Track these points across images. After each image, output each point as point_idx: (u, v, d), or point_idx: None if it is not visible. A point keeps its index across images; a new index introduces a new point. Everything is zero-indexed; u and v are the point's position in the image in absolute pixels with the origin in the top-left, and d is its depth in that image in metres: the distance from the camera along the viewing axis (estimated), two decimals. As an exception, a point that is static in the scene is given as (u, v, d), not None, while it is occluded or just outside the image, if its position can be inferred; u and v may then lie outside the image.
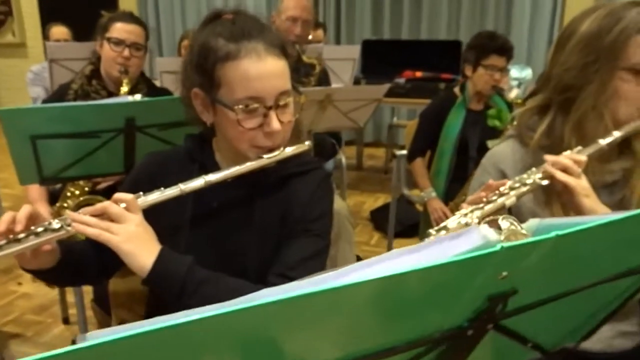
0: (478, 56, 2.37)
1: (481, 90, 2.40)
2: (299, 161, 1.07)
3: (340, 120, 2.03)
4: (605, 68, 1.01)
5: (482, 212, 0.91)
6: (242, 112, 0.93)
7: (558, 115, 1.09)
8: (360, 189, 4.28)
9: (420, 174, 2.54)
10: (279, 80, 0.95)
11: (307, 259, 1.01)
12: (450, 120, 2.47)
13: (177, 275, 0.88)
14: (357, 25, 5.36)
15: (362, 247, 3.21)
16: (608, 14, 1.02)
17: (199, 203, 1.03)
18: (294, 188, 1.06)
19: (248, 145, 0.97)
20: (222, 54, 0.93)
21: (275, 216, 1.04)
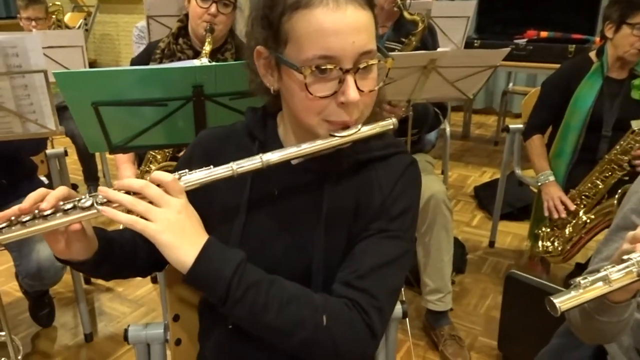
0: (624, 12, 1.93)
1: (625, 56, 1.97)
2: (380, 143, 0.86)
3: (445, 89, 1.75)
4: None
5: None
6: (312, 75, 0.73)
7: None
8: (465, 161, 3.93)
9: (537, 153, 2.18)
10: (361, 37, 0.73)
11: (382, 267, 0.81)
12: (582, 91, 2.07)
13: (222, 276, 0.72)
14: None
15: (462, 228, 2.92)
16: None
17: (257, 187, 0.86)
18: (372, 176, 0.86)
19: (317, 118, 0.77)
20: (291, 1, 0.73)
21: (347, 208, 0.84)
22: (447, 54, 1.64)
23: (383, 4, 1.95)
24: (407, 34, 1.96)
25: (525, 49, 3.57)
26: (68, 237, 0.77)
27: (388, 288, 0.81)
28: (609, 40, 2.02)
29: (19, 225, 0.71)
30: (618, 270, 0.64)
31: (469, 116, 4.51)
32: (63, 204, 0.73)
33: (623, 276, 0.63)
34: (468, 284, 2.39)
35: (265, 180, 0.85)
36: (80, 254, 0.80)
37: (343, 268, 0.82)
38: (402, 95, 1.78)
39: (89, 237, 0.80)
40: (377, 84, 0.78)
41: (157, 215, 0.71)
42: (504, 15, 4.02)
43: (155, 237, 0.71)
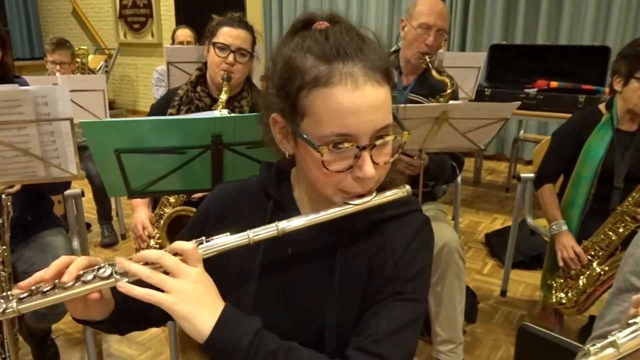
0: (632, 67, 1.97)
1: (634, 108, 1.99)
2: (394, 202, 0.87)
3: (457, 140, 1.78)
4: None
5: None
6: (329, 152, 0.74)
7: None
8: (476, 207, 3.92)
9: (549, 202, 2.18)
10: (378, 114, 0.74)
11: (398, 331, 0.80)
12: (593, 142, 2.09)
13: (239, 346, 0.72)
14: (486, 29, 4.96)
15: (473, 276, 2.89)
16: None
17: (271, 249, 0.87)
18: (385, 237, 0.86)
19: (333, 189, 0.79)
20: (310, 77, 0.74)
21: (361, 270, 0.85)
22: (459, 106, 1.68)
23: (410, 58, 2.00)
24: (431, 87, 2.00)
25: (536, 99, 3.62)
26: (86, 302, 0.78)
27: (403, 352, 0.81)
28: (617, 93, 2.06)
29: (39, 295, 0.73)
30: (625, 336, 0.64)
31: (480, 162, 4.53)
32: (83, 274, 0.74)
33: (630, 341, 0.63)
34: (480, 334, 2.35)
35: (279, 241, 0.83)
36: (97, 314, 0.82)
37: (357, 332, 0.81)
38: (415, 144, 1.81)
39: (106, 300, 0.82)
40: (392, 155, 0.79)
41: (174, 286, 0.71)
42: (514, 65, 4.09)
43: (172, 309, 0.71)
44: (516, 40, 4.84)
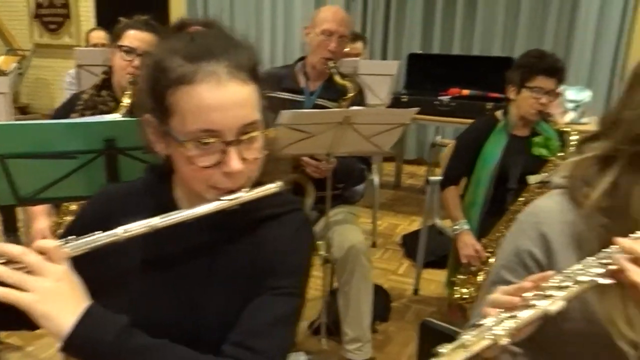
0: (523, 77, 2.14)
1: (526, 115, 2.16)
2: (275, 201, 0.90)
3: (362, 144, 1.85)
4: None
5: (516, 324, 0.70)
6: (195, 148, 0.78)
7: (626, 172, 0.85)
8: (395, 210, 4.06)
9: (452, 204, 2.31)
10: (243, 111, 0.78)
11: (273, 325, 0.84)
12: (489, 147, 2.24)
13: (102, 342, 0.72)
14: (406, 38, 5.15)
15: (388, 276, 3.00)
16: None
17: (150, 247, 0.87)
18: (266, 234, 0.89)
19: (204, 185, 0.81)
20: (176, 76, 0.77)
21: (242, 267, 0.88)
22: (361, 112, 1.75)
23: (315, 63, 2.06)
24: (338, 91, 2.07)
25: (449, 105, 3.81)
26: None
27: (278, 346, 0.83)
28: (512, 101, 2.22)
29: None
30: (474, 336, 0.68)
31: (400, 166, 4.69)
32: None
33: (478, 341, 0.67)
34: (391, 332, 2.44)
35: (159, 241, 0.85)
36: None
37: (234, 328, 0.84)
38: (322, 149, 1.87)
39: None
40: (261, 151, 0.83)
41: (34, 285, 0.70)
42: (432, 73, 4.27)
43: (31, 308, 0.69)
44: (434, 49, 5.07)
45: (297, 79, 2.13)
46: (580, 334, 0.90)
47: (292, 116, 1.65)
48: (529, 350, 0.98)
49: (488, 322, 0.70)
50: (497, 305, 0.73)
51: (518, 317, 0.69)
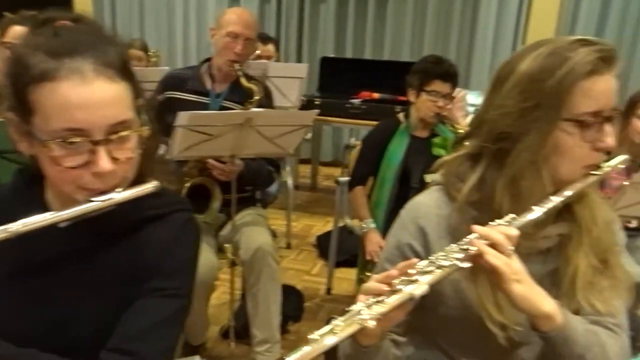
0: (421, 81, 2.24)
1: (425, 117, 2.27)
2: (157, 202, 0.88)
3: (266, 146, 1.85)
4: (546, 117, 0.85)
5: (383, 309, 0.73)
6: (60, 148, 0.74)
7: (490, 168, 0.92)
8: (311, 212, 4.11)
9: (359, 203, 2.38)
10: (112, 109, 0.76)
11: (154, 327, 0.82)
12: (392, 148, 2.33)
13: None
14: (320, 42, 5.23)
15: (302, 277, 3.03)
16: (552, 53, 0.86)
17: (17, 255, 0.83)
18: (147, 236, 0.87)
19: (72, 186, 0.78)
20: (37, 72, 0.74)
21: (121, 271, 0.85)
22: (262, 114, 1.76)
23: (221, 65, 2.04)
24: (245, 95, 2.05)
25: (360, 108, 3.91)
26: None
27: (159, 349, 0.82)
28: (412, 103, 2.32)
29: None
30: (343, 321, 0.71)
31: (316, 168, 4.75)
32: None
33: (347, 327, 0.70)
34: (304, 332, 2.46)
35: (27, 248, 0.80)
36: None
37: (115, 333, 0.81)
38: (225, 151, 1.85)
39: None
40: (135, 151, 0.80)
41: None
42: (344, 77, 4.37)
43: None
44: (347, 54, 5.19)
45: (202, 80, 2.10)
46: (455, 318, 0.96)
47: (191, 117, 1.62)
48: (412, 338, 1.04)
49: (357, 307, 0.73)
50: (368, 293, 0.76)
51: (385, 302, 0.73)
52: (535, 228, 0.92)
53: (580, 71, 0.82)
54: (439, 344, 1.03)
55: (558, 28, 4.53)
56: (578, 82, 0.83)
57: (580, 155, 0.86)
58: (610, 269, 0.92)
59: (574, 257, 0.91)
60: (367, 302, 0.74)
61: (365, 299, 0.75)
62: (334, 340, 0.70)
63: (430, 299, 1.00)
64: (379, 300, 0.73)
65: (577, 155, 0.86)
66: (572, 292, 0.90)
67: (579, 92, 0.83)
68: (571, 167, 0.87)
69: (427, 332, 1.03)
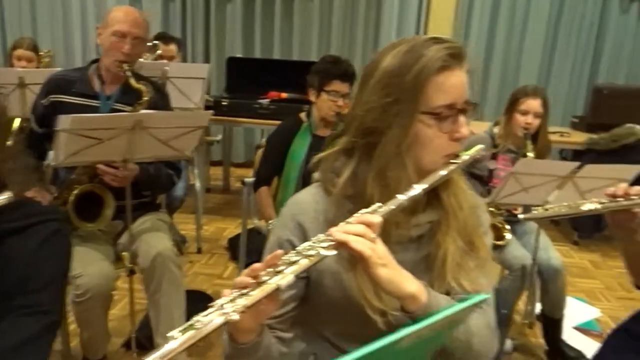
0: (321, 81, 2.28)
1: (325, 116, 2.31)
2: (19, 214, 0.83)
3: (161, 149, 1.79)
4: (405, 111, 0.89)
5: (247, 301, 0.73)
6: None
7: (362, 162, 0.96)
8: (224, 214, 4.05)
9: (264, 203, 2.38)
10: None
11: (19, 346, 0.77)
12: (295, 147, 2.35)
13: None
14: (228, 42, 5.17)
15: (214, 281, 2.97)
16: (409, 50, 0.90)
17: None
18: (8, 250, 0.82)
19: None
20: None
21: None
22: (154, 115, 1.70)
23: (109, 66, 1.95)
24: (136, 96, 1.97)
25: (268, 108, 3.91)
26: None
27: None
28: (314, 103, 2.35)
29: None
30: (204, 316, 0.71)
31: (228, 170, 4.69)
32: None
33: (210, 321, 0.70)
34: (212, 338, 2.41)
35: None
36: None
37: None
38: (117, 155, 1.78)
39: None
40: None
41: None
42: (252, 77, 4.34)
43: None
44: (256, 54, 5.16)
45: (91, 82, 1.99)
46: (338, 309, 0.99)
47: (73, 121, 1.54)
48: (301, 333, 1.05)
49: (219, 302, 0.72)
50: (235, 287, 0.76)
51: (250, 294, 0.73)
52: (407, 215, 0.96)
53: (432, 67, 0.87)
54: (326, 337, 1.05)
55: (455, 25, 4.80)
56: (431, 77, 0.88)
57: (439, 145, 0.91)
58: (476, 250, 0.98)
59: (444, 241, 0.96)
60: (231, 295, 0.73)
61: (229, 293, 0.74)
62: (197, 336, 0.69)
63: (312, 293, 1.02)
64: (243, 293, 0.73)
65: (436, 146, 0.91)
66: (443, 275, 0.96)
67: (433, 87, 0.88)
68: (432, 157, 0.92)
69: (314, 325, 1.04)
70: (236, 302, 0.71)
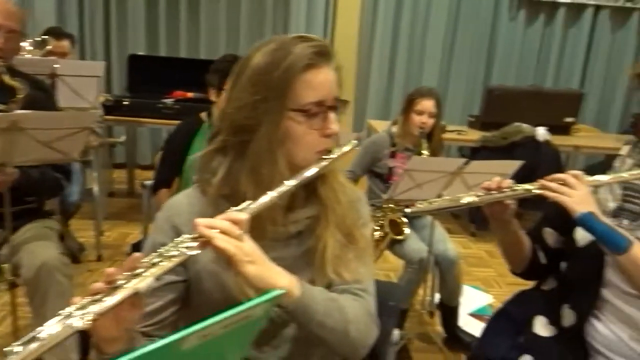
0: (221, 80, 2.24)
1: (226, 116, 2.27)
2: None
3: (42, 151, 1.67)
4: (275, 108, 0.90)
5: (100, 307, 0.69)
6: None
7: (236, 160, 0.95)
8: (128, 219, 3.88)
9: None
10: None
11: None
12: (196, 147, 2.28)
13: None
14: (130, 39, 4.95)
15: (114, 289, 2.83)
16: (278, 48, 0.91)
17: None
18: None
19: None
20: None
21: None
22: (32, 116, 1.59)
23: None
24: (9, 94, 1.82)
25: (173, 108, 3.79)
26: None
27: None
28: (214, 102, 2.31)
29: None
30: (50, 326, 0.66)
31: (132, 172, 4.50)
32: None
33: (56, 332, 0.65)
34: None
35: None
36: None
37: None
38: (-8, 159, 1.64)
39: None
40: None
41: None
42: (156, 76, 4.18)
43: None
44: (161, 52, 4.99)
45: (-40, 80, 1.82)
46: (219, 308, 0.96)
47: None
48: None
49: (67, 310, 0.69)
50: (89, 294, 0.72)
51: (103, 300, 0.69)
52: (285, 214, 0.97)
53: (299, 64, 0.89)
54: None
55: (361, 24, 4.93)
56: (298, 74, 0.89)
57: (311, 142, 0.92)
58: (355, 242, 1.01)
59: (323, 235, 0.98)
60: (82, 302, 0.70)
61: (78, 299, 0.71)
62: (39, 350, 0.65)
63: (193, 296, 1.00)
64: (95, 299, 0.70)
65: (308, 142, 0.92)
66: (323, 268, 0.97)
67: (300, 84, 0.90)
68: (305, 153, 0.93)
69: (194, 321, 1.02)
70: (87, 310, 0.68)
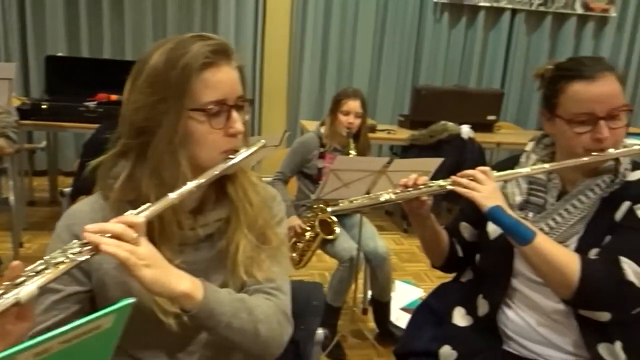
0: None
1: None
2: None
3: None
4: (173, 108, 0.87)
5: None
6: None
7: (137, 163, 0.92)
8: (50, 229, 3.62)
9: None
10: None
11: None
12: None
13: None
14: (50, 40, 4.70)
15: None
16: (174, 47, 0.89)
17: None
18: None
19: None
20: None
21: None
22: None
23: None
24: None
25: (96, 111, 3.64)
26: None
27: None
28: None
29: None
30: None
31: (55, 180, 4.27)
32: None
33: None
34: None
35: None
36: None
37: None
38: None
39: None
40: None
41: None
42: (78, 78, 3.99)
43: None
44: (84, 53, 4.78)
45: None
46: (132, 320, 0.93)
47: None
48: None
49: None
50: None
51: None
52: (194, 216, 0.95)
53: (196, 63, 0.87)
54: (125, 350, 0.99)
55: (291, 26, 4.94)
56: (196, 73, 0.87)
57: (214, 141, 0.91)
58: (269, 242, 1.00)
59: (235, 236, 0.97)
60: None
61: None
62: None
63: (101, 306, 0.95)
64: None
65: (211, 142, 0.90)
66: (235, 269, 0.96)
67: (199, 83, 0.88)
68: (209, 153, 0.91)
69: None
70: None
